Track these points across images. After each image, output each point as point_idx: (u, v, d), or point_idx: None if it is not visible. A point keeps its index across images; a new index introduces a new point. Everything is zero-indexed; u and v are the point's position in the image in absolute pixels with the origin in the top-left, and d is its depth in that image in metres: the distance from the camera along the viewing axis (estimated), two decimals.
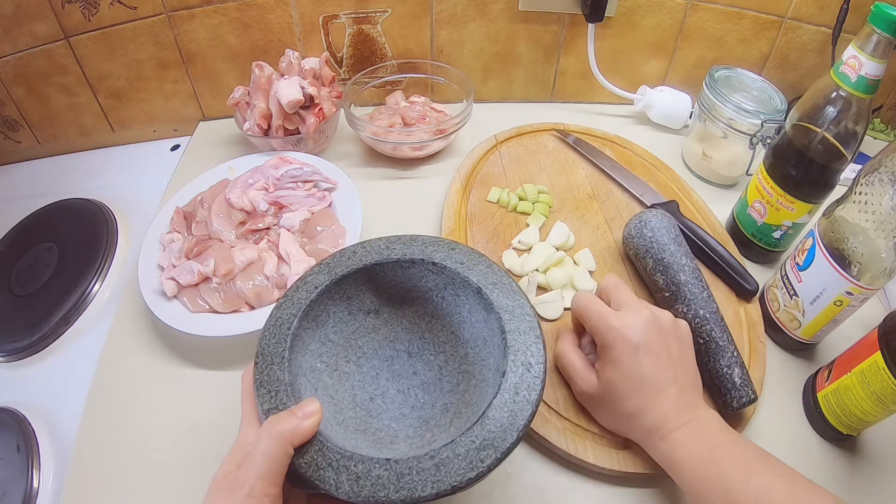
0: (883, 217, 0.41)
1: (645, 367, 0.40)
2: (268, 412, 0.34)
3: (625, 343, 0.40)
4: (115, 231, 0.63)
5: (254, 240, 0.57)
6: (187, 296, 0.52)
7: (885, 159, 0.41)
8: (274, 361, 0.36)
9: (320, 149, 0.72)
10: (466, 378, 0.41)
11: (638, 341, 0.40)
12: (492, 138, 0.71)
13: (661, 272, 0.52)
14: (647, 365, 0.40)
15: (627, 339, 0.40)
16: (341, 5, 0.70)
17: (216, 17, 0.68)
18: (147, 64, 0.70)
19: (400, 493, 0.30)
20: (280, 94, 0.64)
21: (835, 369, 0.46)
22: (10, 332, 0.55)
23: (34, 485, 0.44)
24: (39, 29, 0.64)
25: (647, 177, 0.67)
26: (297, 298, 0.40)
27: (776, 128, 0.57)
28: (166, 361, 0.52)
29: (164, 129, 0.77)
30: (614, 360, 0.41)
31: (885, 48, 0.44)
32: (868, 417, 0.43)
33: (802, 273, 0.48)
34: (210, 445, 0.45)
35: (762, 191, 0.56)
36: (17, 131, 0.73)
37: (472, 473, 0.31)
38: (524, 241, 0.58)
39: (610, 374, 0.41)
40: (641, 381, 0.40)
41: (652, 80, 0.79)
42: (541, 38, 0.75)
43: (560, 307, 0.53)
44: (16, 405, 0.50)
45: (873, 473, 0.46)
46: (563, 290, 0.54)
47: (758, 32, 0.73)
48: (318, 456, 0.32)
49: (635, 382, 0.40)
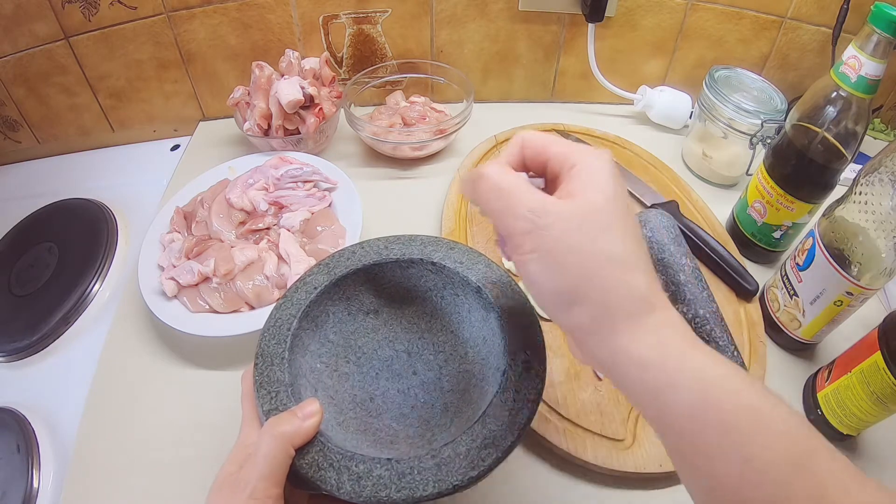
0: (883, 217, 0.41)
1: (632, 214, 0.28)
2: (268, 413, 0.34)
3: (605, 163, 0.28)
4: (115, 231, 0.63)
5: (254, 240, 0.57)
6: (187, 296, 0.52)
7: (885, 159, 0.41)
8: (274, 362, 0.36)
9: (320, 149, 0.72)
10: (466, 377, 0.41)
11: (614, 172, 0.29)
12: (492, 138, 0.71)
13: (661, 272, 0.52)
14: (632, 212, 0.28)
15: (607, 161, 0.29)
16: (341, 5, 0.70)
17: (216, 17, 0.67)
18: (147, 64, 0.70)
19: (401, 492, 0.30)
20: (280, 94, 0.64)
21: (835, 369, 0.46)
22: (10, 332, 0.55)
23: (34, 485, 0.44)
24: (39, 29, 0.64)
25: (647, 177, 0.67)
26: (297, 299, 0.40)
27: (776, 128, 0.57)
28: (166, 361, 0.52)
29: (164, 129, 0.77)
30: (605, 181, 0.27)
31: (885, 48, 0.44)
32: (868, 417, 0.43)
33: (802, 273, 0.48)
34: (210, 445, 0.45)
35: (762, 191, 0.56)
36: (17, 131, 0.73)
37: (473, 472, 0.31)
38: None
39: (600, 195, 0.27)
40: (634, 224, 0.28)
41: (652, 80, 0.79)
42: (541, 38, 0.75)
43: None
44: (16, 405, 0.50)
45: (873, 473, 0.46)
46: None
47: (758, 32, 0.73)
48: (319, 456, 0.32)
49: (630, 219, 0.28)
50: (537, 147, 0.30)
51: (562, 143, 0.30)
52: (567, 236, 0.26)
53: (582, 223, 0.26)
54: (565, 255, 0.26)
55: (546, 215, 0.26)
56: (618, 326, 0.26)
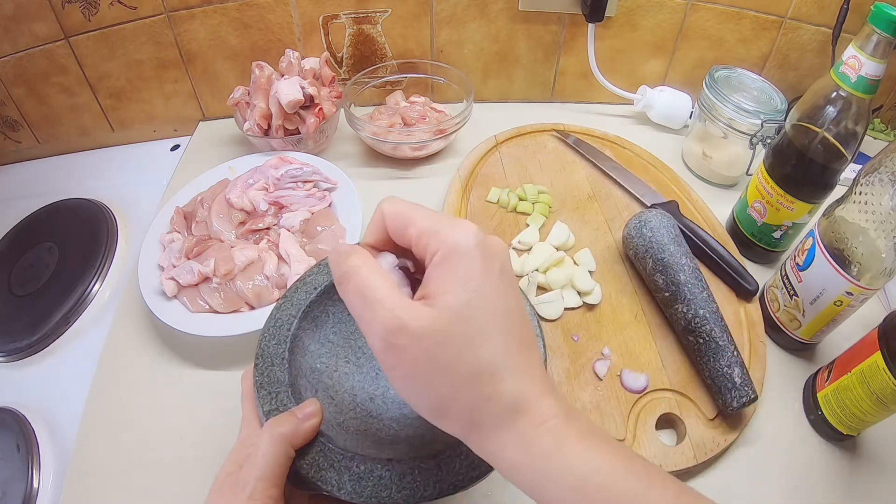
0: (883, 217, 0.41)
1: (511, 298, 0.26)
2: (268, 413, 0.34)
3: (469, 243, 0.25)
4: (115, 231, 0.63)
5: (254, 240, 0.57)
6: (187, 296, 0.52)
7: (885, 159, 0.41)
8: (274, 363, 0.36)
9: (320, 149, 0.72)
10: None
11: (502, 255, 0.27)
12: (492, 139, 0.71)
13: (661, 272, 0.52)
14: (512, 296, 0.26)
15: (490, 246, 0.26)
16: (341, 5, 0.70)
17: (216, 17, 0.67)
18: (147, 64, 0.70)
19: (402, 492, 0.30)
20: (280, 94, 0.64)
21: (835, 369, 0.46)
22: (10, 332, 0.55)
23: (34, 485, 0.44)
24: (39, 29, 0.64)
25: (647, 177, 0.67)
26: (297, 299, 0.40)
27: (776, 128, 0.57)
28: (166, 361, 0.52)
29: (164, 129, 0.77)
30: (467, 275, 0.25)
31: (885, 48, 0.44)
32: (868, 417, 0.43)
33: (802, 273, 0.48)
34: (210, 445, 0.45)
35: (762, 191, 0.56)
36: (17, 131, 0.73)
37: (473, 472, 0.31)
38: (524, 241, 0.58)
39: (461, 297, 0.24)
40: (508, 316, 0.26)
41: (652, 80, 0.79)
42: (541, 38, 0.75)
43: (560, 307, 0.53)
44: (16, 405, 0.50)
45: (873, 473, 0.46)
46: (563, 290, 0.54)
47: (758, 32, 0.73)
48: (319, 457, 0.32)
49: (501, 315, 0.25)
50: (398, 226, 0.27)
51: (423, 219, 0.27)
52: (425, 356, 0.24)
53: (441, 340, 0.24)
54: (426, 374, 0.24)
55: (401, 335, 0.24)
56: (487, 434, 0.25)
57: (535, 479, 0.25)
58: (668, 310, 0.52)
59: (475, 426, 0.25)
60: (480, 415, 0.25)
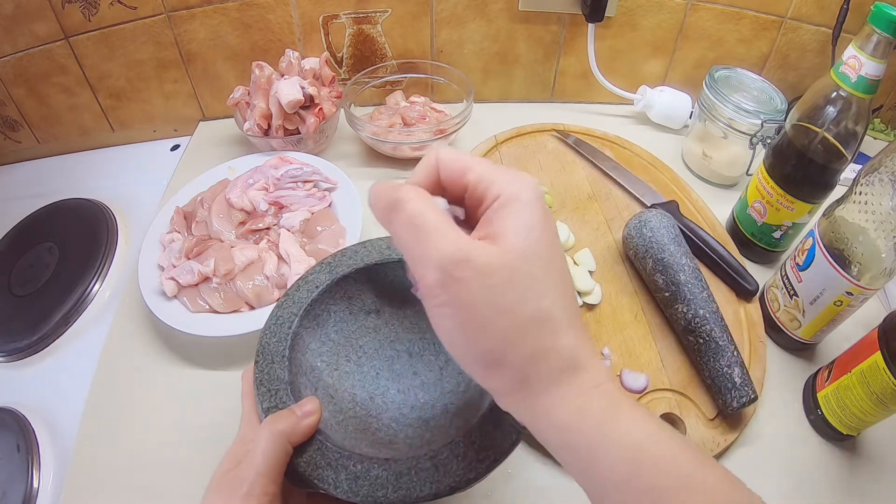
0: (883, 217, 0.41)
1: (563, 259, 0.25)
2: (267, 411, 0.34)
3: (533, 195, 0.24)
4: (115, 231, 0.63)
5: (254, 240, 0.57)
6: (187, 296, 0.52)
7: (885, 159, 0.41)
8: (274, 360, 0.36)
9: (320, 149, 0.72)
10: (467, 379, 0.41)
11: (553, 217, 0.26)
12: (492, 139, 0.71)
13: (661, 272, 0.52)
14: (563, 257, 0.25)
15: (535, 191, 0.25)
16: (341, 5, 0.70)
17: (216, 17, 0.68)
18: (147, 64, 0.70)
19: (398, 492, 0.30)
20: (280, 94, 0.64)
21: (835, 369, 0.46)
22: (10, 332, 0.55)
23: (34, 485, 0.44)
24: (39, 29, 0.64)
25: (647, 177, 0.67)
26: (298, 297, 0.40)
27: (776, 128, 0.57)
28: (166, 361, 0.52)
29: (164, 129, 0.77)
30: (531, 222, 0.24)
31: (885, 48, 0.44)
32: (868, 417, 0.43)
33: (802, 273, 0.48)
34: (210, 445, 0.45)
35: (762, 191, 0.56)
36: (17, 131, 0.73)
37: (470, 474, 0.31)
38: None
39: (526, 241, 0.23)
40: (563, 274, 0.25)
41: (652, 80, 0.79)
42: (541, 38, 0.75)
43: None
44: (16, 405, 0.50)
45: (873, 473, 0.46)
46: None
47: (758, 32, 0.73)
48: (316, 455, 0.32)
49: (557, 270, 0.24)
50: (455, 170, 0.26)
51: (482, 166, 0.26)
52: (487, 293, 0.22)
53: (507, 278, 0.22)
54: (485, 315, 0.22)
55: (464, 267, 0.22)
56: (540, 392, 0.24)
57: (586, 443, 0.23)
58: (668, 310, 0.52)
59: (527, 382, 0.23)
60: (538, 368, 0.23)
